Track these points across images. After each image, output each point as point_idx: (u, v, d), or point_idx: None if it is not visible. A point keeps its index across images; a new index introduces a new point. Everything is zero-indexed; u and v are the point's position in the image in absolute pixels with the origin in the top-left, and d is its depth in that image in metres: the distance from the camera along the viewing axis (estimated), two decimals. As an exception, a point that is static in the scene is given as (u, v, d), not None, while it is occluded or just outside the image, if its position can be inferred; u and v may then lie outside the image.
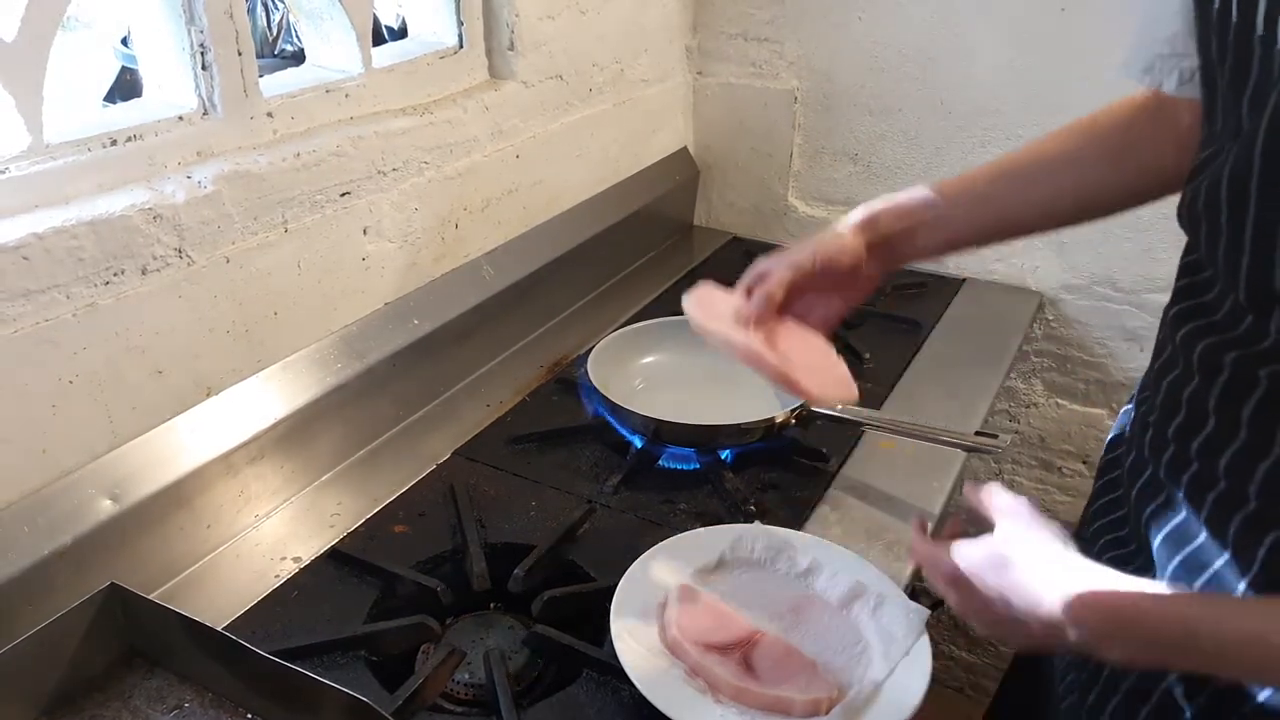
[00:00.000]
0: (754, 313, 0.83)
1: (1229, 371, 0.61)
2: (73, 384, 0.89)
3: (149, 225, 0.92)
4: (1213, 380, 0.63)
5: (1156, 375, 0.70)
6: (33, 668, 0.77)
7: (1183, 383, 0.66)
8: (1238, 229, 0.57)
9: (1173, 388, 0.67)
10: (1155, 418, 0.69)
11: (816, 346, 0.87)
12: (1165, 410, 0.68)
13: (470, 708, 0.88)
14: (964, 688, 1.98)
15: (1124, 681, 0.71)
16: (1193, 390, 0.65)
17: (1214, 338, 0.63)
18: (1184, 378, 0.66)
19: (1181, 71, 0.73)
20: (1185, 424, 0.66)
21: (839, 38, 1.64)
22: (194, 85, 1.00)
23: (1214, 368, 0.63)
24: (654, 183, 1.73)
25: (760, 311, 0.83)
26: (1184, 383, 0.66)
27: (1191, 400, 0.65)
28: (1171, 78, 0.74)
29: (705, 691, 0.81)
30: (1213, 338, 0.63)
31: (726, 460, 1.15)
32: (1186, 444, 0.66)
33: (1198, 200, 0.61)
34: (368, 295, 1.20)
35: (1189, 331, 0.66)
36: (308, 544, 1.04)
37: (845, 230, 0.87)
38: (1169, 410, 0.68)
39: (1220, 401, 0.62)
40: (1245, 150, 0.56)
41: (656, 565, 0.94)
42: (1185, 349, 0.66)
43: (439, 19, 1.33)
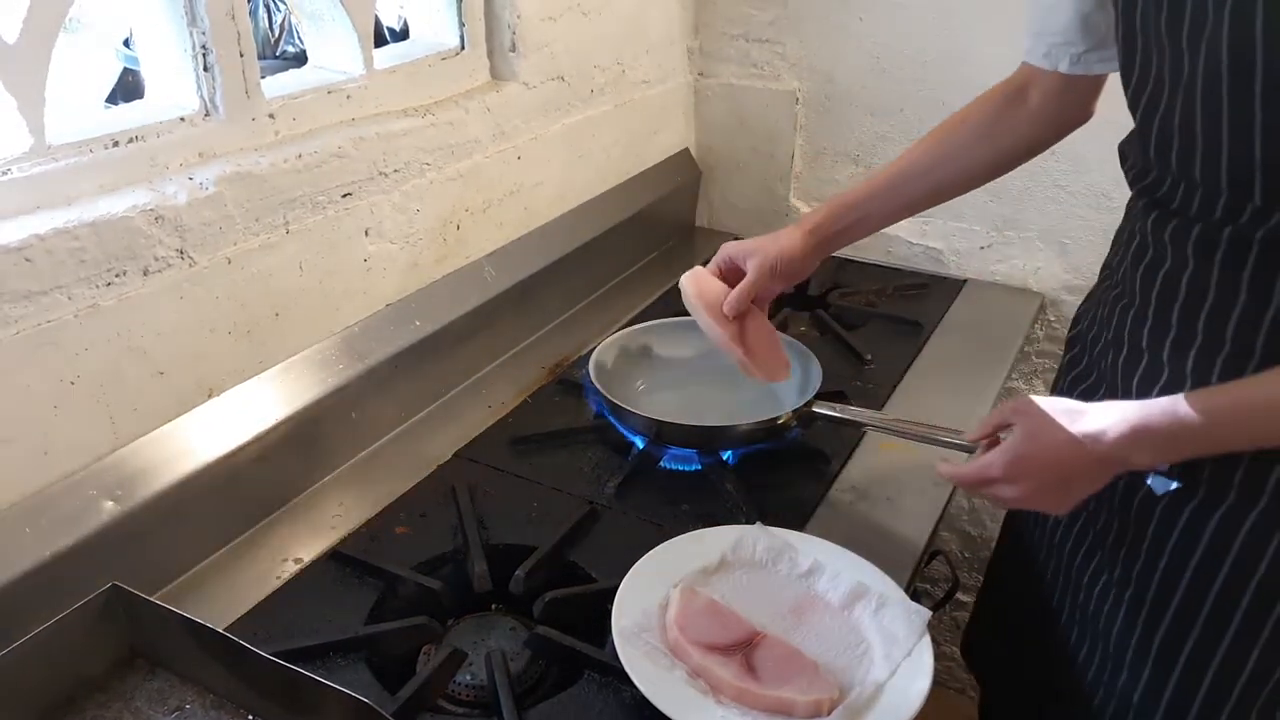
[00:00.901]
0: (734, 310, 1.07)
1: (1222, 249, 0.77)
2: (74, 385, 0.89)
3: (151, 226, 0.92)
4: (1189, 258, 0.80)
5: (1131, 265, 0.87)
6: (35, 669, 0.77)
7: (1157, 266, 0.83)
8: (1213, 133, 0.73)
9: (1149, 273, 0.85)
10: (1152, 309, 0.84)
11: (769, 335, 1.13)
12: (1144, 293, 0.85)
13: (472, 709, 0.88)
14: (965, 689, 1.98)
15: None
16: (1168, 270, 0.82)
17: (1177, 221, 0.80)
18: (1157, 261, 0.83)
19: (1072, 55, 0.94)
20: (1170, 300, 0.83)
21: (840, 39, 1.65)
22: (196, 86, 1.00)
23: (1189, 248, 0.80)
24: (655, 184, 1.73)
25: (736, 309, 1.07)
26: (1158, 266, 0.83)
27: (1170, 280, 0.82)
28: (1064, 60, 0.95)
29: (707, 693, 0.81)
30: (1176, 222, 0.80)
31: (728, 461, 1.15)
32: (1167, 314, 0.83)
33: (1168, 125, 0.77)
34: (369, 296, 1.20)
35: (1157, 221, 0.82)
36: (309, 545, 1.04)
37: (799, 236, 1.07)
38: (1148, 292, 0.85)
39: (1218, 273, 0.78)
40: (1211, 71, 0.71)
41: (658, 566, 0.94)
42: (1155, 236, 0.83)
43: (440, 20, 1.33)
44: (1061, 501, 0.83)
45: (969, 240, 1.67)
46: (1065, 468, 0.80)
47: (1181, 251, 0.80)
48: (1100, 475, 0.80)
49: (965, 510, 1.83)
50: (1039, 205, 1.58)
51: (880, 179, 1.08)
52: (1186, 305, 0.81)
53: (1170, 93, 0.76)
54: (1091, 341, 0.96)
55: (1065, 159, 1.53)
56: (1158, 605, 0.87)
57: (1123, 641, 0.90)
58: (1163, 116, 0.78)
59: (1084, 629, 0.95)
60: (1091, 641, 0.94)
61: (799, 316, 1.53)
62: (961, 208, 1.65)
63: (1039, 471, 0.81)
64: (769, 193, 1.81)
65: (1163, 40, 0.75)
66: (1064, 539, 0.98)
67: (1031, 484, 0.82)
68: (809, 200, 1.79)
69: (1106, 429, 0.77)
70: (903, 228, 1.71)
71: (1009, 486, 0.83)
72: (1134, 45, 0.79)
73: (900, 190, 1.07)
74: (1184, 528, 0.83)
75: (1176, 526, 0.84)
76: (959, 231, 1.67)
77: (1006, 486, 0.83)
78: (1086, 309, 1.01)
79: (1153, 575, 0.87)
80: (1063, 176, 1.55)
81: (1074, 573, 0.96)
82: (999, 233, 1.64)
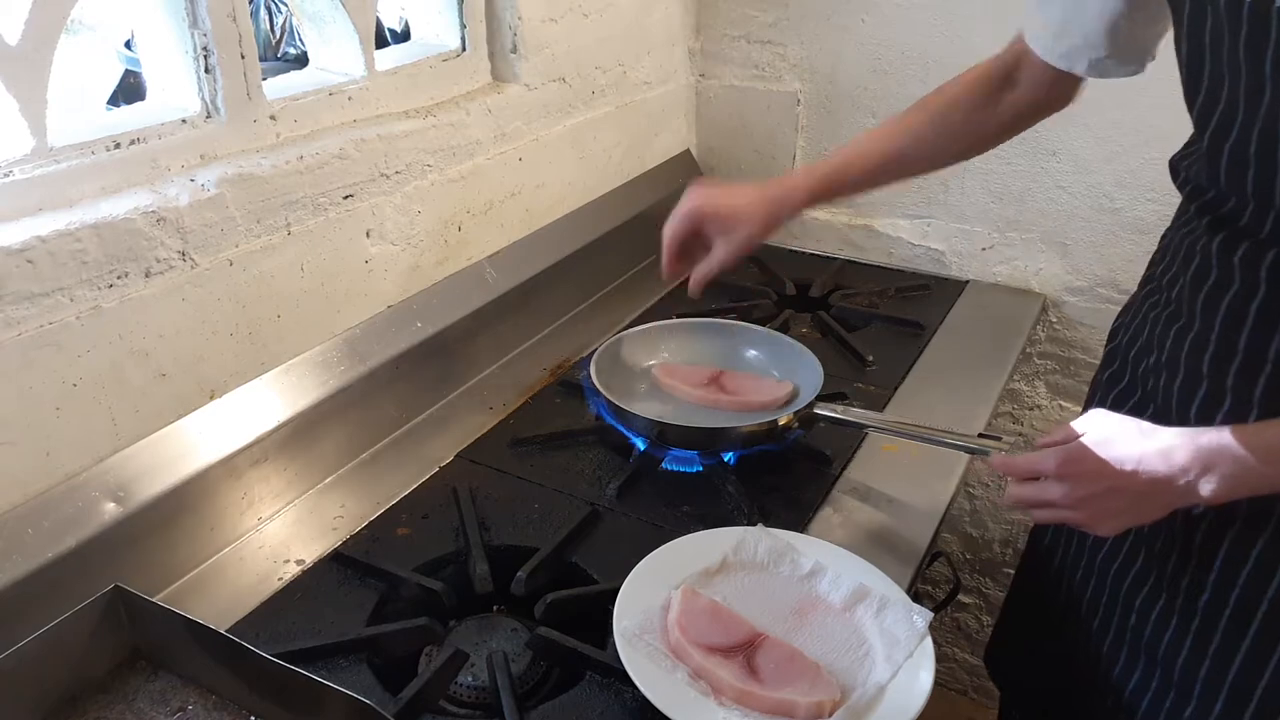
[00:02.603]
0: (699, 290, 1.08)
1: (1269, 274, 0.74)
2: (76, 387, 0.89)
3: (152, 228, 0.92)
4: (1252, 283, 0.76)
5: (1190, 288, 0.82)
6: (37, 670, 0.77)
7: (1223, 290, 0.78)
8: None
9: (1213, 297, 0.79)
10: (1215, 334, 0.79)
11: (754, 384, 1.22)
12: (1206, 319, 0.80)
13: (473, 710, 0.88)
14: (967, 690, 1.98)
15: None
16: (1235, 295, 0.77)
17: (1248, 245, 0.75)
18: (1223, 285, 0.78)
19: (1092, 59, 0.91)
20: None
21: (841, 40, 1.65)
22: (197, 88, 1.00)
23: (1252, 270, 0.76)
24: (657, 185, 1.73)
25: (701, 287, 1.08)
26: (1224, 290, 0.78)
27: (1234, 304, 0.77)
28: (1082, 63, 0.92)
29: (708, 694, 0.81)
30: (1247, 245, 0.75)
31: (729, 463, 1.15)
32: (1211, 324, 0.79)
33: (1245, 151, 0.72)
34: (370, 298, 1.20)
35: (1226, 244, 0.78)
36: (311, 546, 1.04)
37: (769, 209, 1.04)
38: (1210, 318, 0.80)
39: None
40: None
41: (659, 568, 0.93)
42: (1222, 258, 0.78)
43: (442, 22, 1.33)
44: (1107, 518, 0.79)
45: (970, 241, 1.67)
46: (1122, 479, 0.76)
47: (1252, 275, 0.75)
48: (1155, 501, 0.76)
49: (967, 512, 1.83)
50: (1041, 206, 1.58)
51: (859, 155, 1.05)
52: (1255, 331, 0.76)
53: (1247, 117, 0.71)
54: (1135, 358, 0.91)
55: (1067, 160, 1.53)
56: (1230, 637, 0.82)
57: (1189, 673, 0.85)
58: (1237, 141, 0.73)
59: (1135, 652, 0.90)
60: (1147, 668, 0.89)
61: (800, 318, 1.53)
62: (963, 208, 1.65)
63: (1095, 475, 0.78)
64: (770, 194, 1.81)
65: (1239, 63, 0.70)
66: (1108, 560, 0.93)
67: (1083, 488, 0.78)
68: (810, 201, 1.79)
69: (1174, 449, 0.74)
70: (904, 229, 1.71)
71: (1059, 486, 0.80)
72: (1201, 64, 0.74)
73: (882, 167, 1.05)
74: (1259, 557, 0.79)
75: (1249, 560, 0.80)
76: (960, 233, 1.67)
77: (1056, 485, 0.80)
78: (1125, 322, 0.96)
79: (1223, 610, 0.82)
80: (1064, 178, 1.55)
81: (1123, 595, 0.91)
82: (1001, 234, 1.64)
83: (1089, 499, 0.78)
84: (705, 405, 1.22)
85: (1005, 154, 1.58)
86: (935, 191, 1.66)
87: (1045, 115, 1.01)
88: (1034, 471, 0.83)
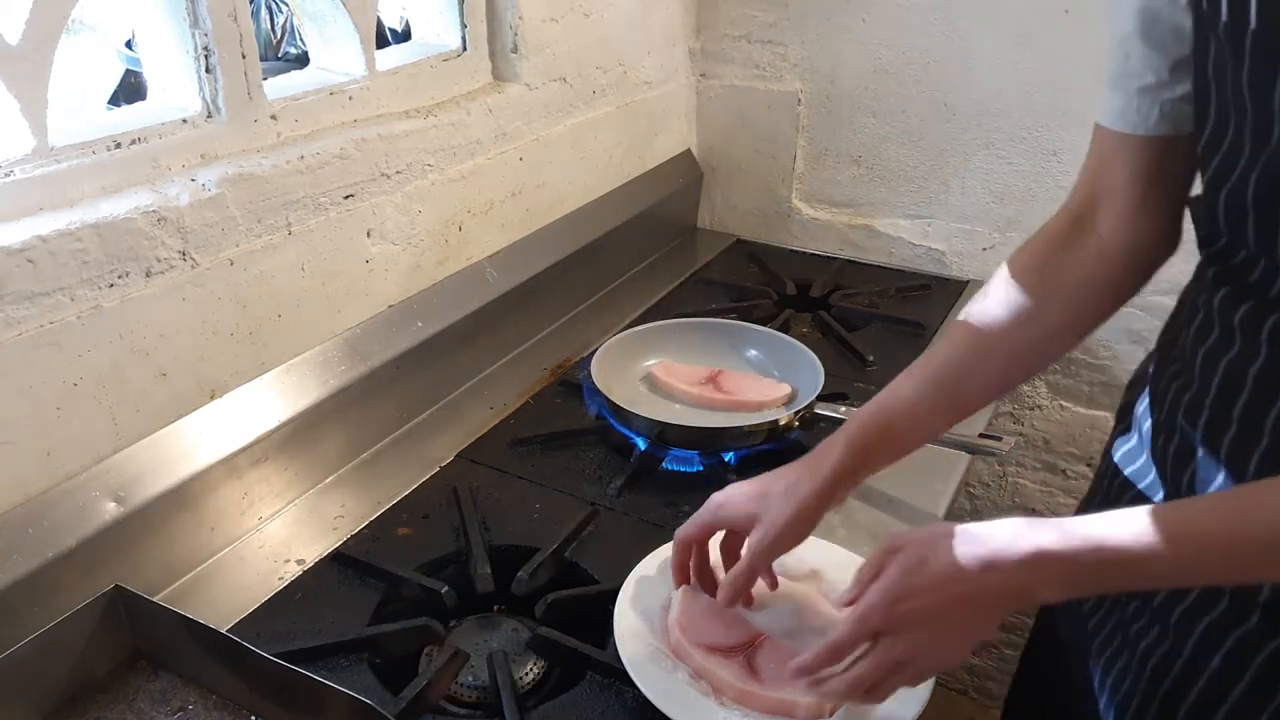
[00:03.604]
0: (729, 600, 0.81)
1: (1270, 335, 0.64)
2: (77, 386, 0.89)
3: (153, 228, 0.92)
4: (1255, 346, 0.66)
5: (1192, 343, 0.72)
6: (37, 670, 0.77)
7: (1222, 351, 0.68)
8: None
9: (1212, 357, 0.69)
10: (1210, 398, 0.70)
11: None
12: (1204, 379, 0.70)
13: (474, 710, 0.88)
14: (968, 690, 1.98)
15: None
16: (1234, 356, 0.67)
17: (1251, 302, 0.66)
18: (1223, 345, 0.68)
19: (1162, 105, 0.73)
20: (1228, 390, 0.68)
21: (842, 40, 1.65)
22: (198, 88, 1.00)
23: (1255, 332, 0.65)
24: (657, 185, 1.73)
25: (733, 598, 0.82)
26: (1223, 350, 0.68)
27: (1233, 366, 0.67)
28: (1152, 115, 0.74)
29: (709, 694, 0.81)
30: (1250, 303, 0.66)
31: (730, 462, 1.15)
32: (1229, 410, 0.67)
33: (1243, 197, 0.64)
34: (371, 298, 1.20)
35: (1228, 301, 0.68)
36: (311, 546, 1.04)
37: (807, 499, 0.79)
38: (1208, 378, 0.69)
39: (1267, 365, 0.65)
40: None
41: (660, 568, 0.93)
42: (1223, 316, 0.68)
43: (442, 22, 1.33)
44: (959, 648, 0.69)
45: (971, 241, 1.67)
46: (957, 605, 0.66)
47: (1252, 339, 0.66)
48: (1007, 609, 0.67)
49: (968, 512, 1.83)
50: (1041, 206, 1.58)
51: (906, 391, 0.82)
52: (1251, 402, 0.66)
53: (1249, 160, 0.63)
54: (1141, 416, 0.80)
55: (1068, 160, 1.53)
56: None
57: None
58: (1235, 184, 0.65)
59: None
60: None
61: (801, 318, 1.53)
62: (964, 208, 1.65)
63: (927, 613, 0.66)
64: (771, 194, 1.81)
65: (1243, 98, 0.62)
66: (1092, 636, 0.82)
67: (923, 632, 0.67)
68: (811, 201, 1.79)
69: (1000, 554, 0.64)
70: (905, 229, 1.71)
71: (894, 642, 0.68)
72: (1206, 100, 0.66)
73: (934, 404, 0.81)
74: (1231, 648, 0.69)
75: (1223, 648, 0.69)
76: (961, 233, 1.67)
77: (892, 643, 0.68)
78: (1140, 378, 0.84)
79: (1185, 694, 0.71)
80: (1065, 178, 1.54)
81: (1105, 676, 0.80)
82: (1001, 234, 1.63)
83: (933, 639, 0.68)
84: (702, 405, 1.22)
85: (1006, 153, 1.58)
86: (936, 191, 1.66)
87: (1148, 266, 0.80)
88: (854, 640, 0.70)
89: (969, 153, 1.61)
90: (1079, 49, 1.45)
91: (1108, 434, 0.83)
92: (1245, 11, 0.59)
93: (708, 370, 1.28)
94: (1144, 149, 0.76)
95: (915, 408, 0.81)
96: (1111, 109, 0.76)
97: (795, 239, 1.82)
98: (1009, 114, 1.55)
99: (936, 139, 1.63)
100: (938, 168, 1.65)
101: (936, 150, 1.64)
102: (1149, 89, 0.74)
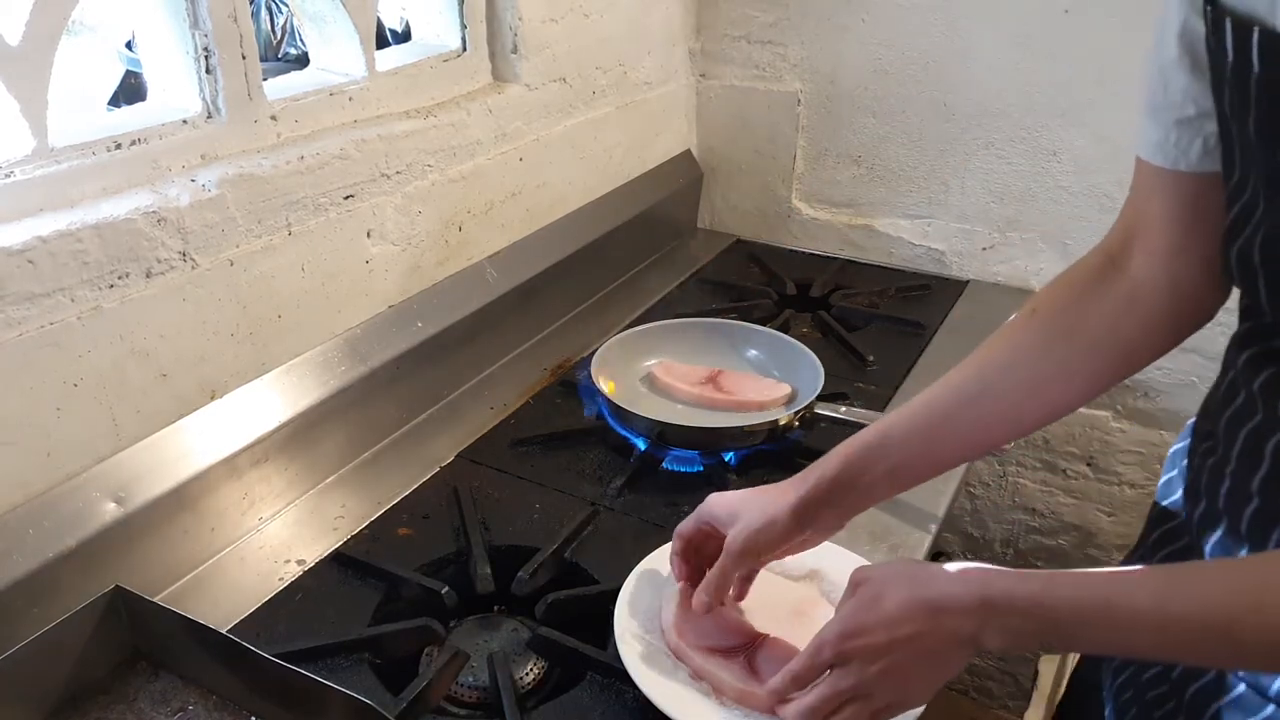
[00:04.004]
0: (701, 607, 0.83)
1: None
2: (77, 387, 0.89)
3: (153, 228, 0.92)
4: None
5: (1219, 406, 0.68)
6: (37, 670, 0.77)
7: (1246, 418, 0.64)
8: None
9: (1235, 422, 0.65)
10: (1232, 468, 0.66)
11: None
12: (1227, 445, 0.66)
13: (474, 710, 0.88)
14: (969, 690, 1.98)
15: None
16: (1256, 427, 0.63)
17: (1273, 369, 0.61)
18: (1246, 412, 0.64)
19: (1206, 139, 0.67)
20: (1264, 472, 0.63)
21: (842, 40, 1.65)
22: (198, 89, 1.00)
23: None
24: (657, 185, 1.73)
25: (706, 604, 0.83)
26: (1246, 418, 0.64)
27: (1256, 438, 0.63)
28: (1194, 148, 0.67)
29: (709, 694, 0.81)
30: (1271, 369, 0.62)
31: (730, 463, 1.15)
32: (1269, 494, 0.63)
33: (1250, 255, 0.60)
34: (371, 298, 1.20)
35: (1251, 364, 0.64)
36: (312, 547, 1.04)
37: (786, 506, 0.79)
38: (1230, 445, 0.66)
39: None
40: None
41: (660, 568, 0.93)
42: (1246, 380, 0.64)
43: (442, 22, 1.33)
44: (919, 687, 0.68)
45: (971, 241, 1.67)
46: (904, 645, 0.66)
47: (1272, 408, 0.62)
48: (957, 654, 0.66)
49: (968, 512, 1.83)
50: (1041, 206, 1.58)
51: (905, 415, 0.79)
52: (1272, 475, 0.62)
53: (1264, 214, 0.58)
54: (1177, 478, 0.75)
55: (1068, 159, 1.53)
56: None
57: None
58: (1245, 241, 0.61)
59: None
60: None
61: (801, 318, 1.53)
62: (964, 208, 1.65)
63: (875, 650, 0.66)
64: (771, 194, 1.81)
65: (1251, 149, 0.58)
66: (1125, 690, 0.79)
67: (873, 668, 0.67)
68: (811, 201, 1.79)
69: (949, 599, 0.64)
70: (905, 229, 1.71)
71: (845, 674, 0.68)
72: (1230, 145, 0.62)
73: (935, 431, 0.78)
74: None
75: None
76: (961, 233, 1.67)
77: (842, 675, 0.68)
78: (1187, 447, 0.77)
79: None
80: (1065, 177, 1.54)
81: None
82: (1001, 234, 1.64)
83: (885, 675, 0.67)
84: (702, 405, 1.22)
85: (1006, 154, 1.58)
86: (936, 191, 1.66)
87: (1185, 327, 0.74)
88: (808, 674, 0.71)
89: (969, 153, 1.61)
90: (1079, 49, 1.45)
91: (1108, 434, 0.82)
92: (1248, 54, 0.55)
93: (708, 370, 1.28)
94: (1183, 185, 0.70)
95: (911, 434, 0.78)
96: (1150, 141, 0.70)
97: (795, 239, 1.82)
98: (1009, 114, 1.55)
99: (936, 139, 1.63)
100: (938, 168, 1.65)
101: (936, 150, 1.64)
102: (1189, 121, 0.67)
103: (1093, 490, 1.69)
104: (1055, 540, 1.77)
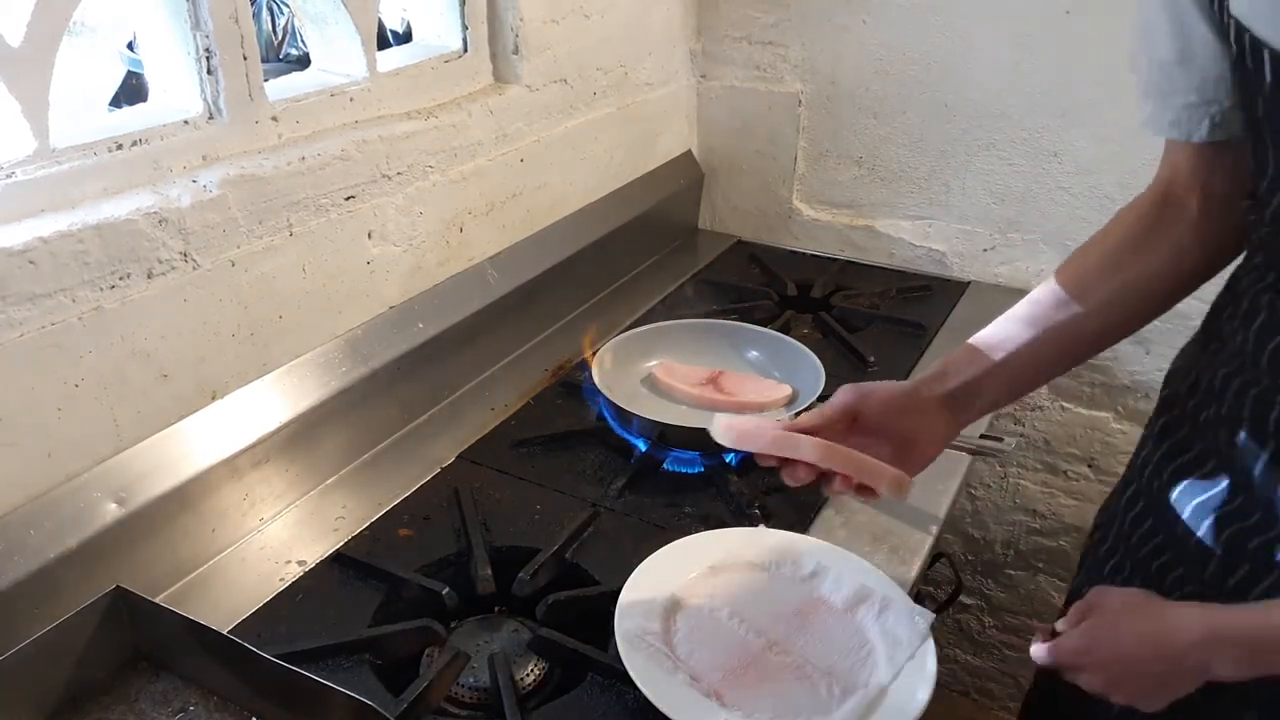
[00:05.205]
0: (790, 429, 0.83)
1: None
2: (78, 388, 0.89)
3: (154, 229, 0.92)
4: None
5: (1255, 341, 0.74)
6: (38, 671, 0.77)
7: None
8: None
9: None
10: (1265, 381, 0.73)
11: None
12: None
13: (475, 711, 0.88)
14: (969, 691, 1.97)
15: None
16: None
17: None
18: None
19: (1212, 117, 0.75)
20: None
21: (843, 41, 1.65)
22: (199, 90, 1.00)
23: None
24: (658, 186, 1.73)
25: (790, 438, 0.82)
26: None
27: None
28: (1202, 126, 0.76)
29: (710, 695, 0.81)
30: None
31: (731, 463, 1.15)
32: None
33: None
34: (372, 299, 1.20)
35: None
36: (312, 548, 1.04)
37: (907, 386, 0.87)
38: None
39: None
40: None
41: (661, 569, 0.93)
42: None
43: (443, 23, 1.33)
44: (1147, 698, 0.73)
45: (972, 242, 1.67)
46: (1140, 665, 0.72)
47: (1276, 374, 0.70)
48: (1185, 677, 0.71)
49: (969, 513, 1.83)
50: (1042, 207, 1.58)
51: (1001, 322, 0.91)
52: None
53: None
54: (1194, 410, 0.82)
55: (1069, 160, 1.53)
56: None
57: None
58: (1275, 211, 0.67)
59: None
60: None
61: (802, 318, 1.53)
62: (964, 209, 1.65)
63: (1109, 664, 0.73)
64: (772, 195, 1.81)
65: (1276, 124, 0.65)
66: None
67: (1102, 675, 0.74)
68: (812, 202, 1.79)
69: (1181, 630, 0.69)
70: (905, 230, 1.71)
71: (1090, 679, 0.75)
72: (1264, 140, 0.68)
73: (1025, 335, 0.88)
74: None
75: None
76: (962, 234, 1.67)
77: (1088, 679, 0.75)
78: (1183, 367, 0.86)
79: None
80: (1066, 178, 1.54)
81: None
82: (1002, 235, 1.64)
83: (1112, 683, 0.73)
84: (703, 405, 1.22)
85: (1006, 154, 1.58)
86: (937, 192, 1.66)
87: (1221, 256, 0.83)
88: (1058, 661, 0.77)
89: (970, 154, 1.61)
90: (1079, 49, 1.45)
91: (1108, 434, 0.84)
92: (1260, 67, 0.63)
93: (708, 371, 1.28)
94: (1204, 149, 0.79)
95: (1007, 338, 0.88)
96: (1162, 120, 0.79)
97: (796, 240, 1.82)
98: (1009, 115, 1.55)
99: (937, 140, 1.63)
100: (938, 169, 1.65)
101: (937, 151, 1.64)
102: (1194, 105, 0.76)
103: (1094, 491, 1.69)
104: (1056, 541, 1.77)
